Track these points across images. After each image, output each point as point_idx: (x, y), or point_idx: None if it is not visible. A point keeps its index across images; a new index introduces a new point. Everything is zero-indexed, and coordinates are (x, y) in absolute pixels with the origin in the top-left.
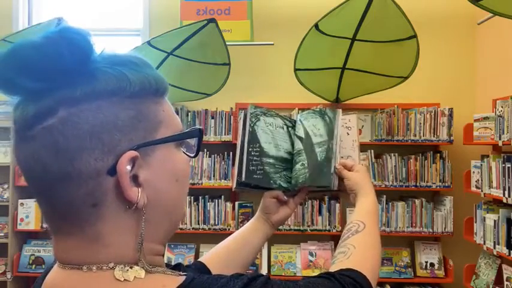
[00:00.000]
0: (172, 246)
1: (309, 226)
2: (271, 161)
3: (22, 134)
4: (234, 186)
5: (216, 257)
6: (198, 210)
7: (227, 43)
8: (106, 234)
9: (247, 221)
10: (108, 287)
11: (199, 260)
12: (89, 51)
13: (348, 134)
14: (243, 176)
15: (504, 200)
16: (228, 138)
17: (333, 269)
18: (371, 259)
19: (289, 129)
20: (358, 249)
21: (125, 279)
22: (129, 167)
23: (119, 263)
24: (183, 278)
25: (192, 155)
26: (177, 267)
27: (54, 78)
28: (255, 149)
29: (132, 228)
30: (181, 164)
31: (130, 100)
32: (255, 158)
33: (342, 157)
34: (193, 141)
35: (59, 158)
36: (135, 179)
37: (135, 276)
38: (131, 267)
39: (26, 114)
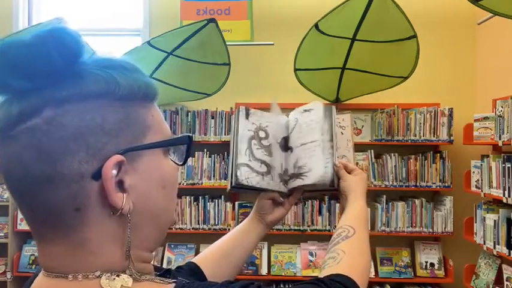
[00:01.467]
0: (172, 246)
1: (309, 226)
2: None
3: (4, 133)
4: (228, 188)
5: (209, 257)
6: (198, 210)
7: (227, 43)
8: (91, 241)
9: (247, 217)
10: None
11: (192, 260)
12: (78, 52)
13: (342, 134)
14: (233, 179)
15: (504, 200)
16: (228, 138)
17: (323, 274)
18: (361, 265)
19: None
20: (348, 255)
21: None
22: (114, 172)
23: (106, 271)
24: (172, 286)
25: (180, 163)
26: (167, 273)
27: (41, 77)
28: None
29: (118, 234)
30: (169, 171)
31: (119, 103)
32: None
33: (338, 157)
34: (182, 148)
35: (42, 160)
36: (120, 184)
37: (122, 285)
38: (118, 276)
39: (9, 113)
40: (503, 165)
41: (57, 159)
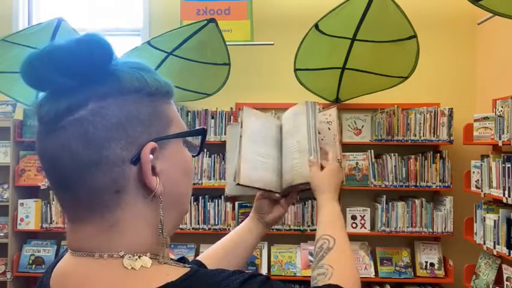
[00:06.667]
0: (172, 246)
1: (309, 226)
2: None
3: (51, 125)
4: (226, 193)
5: (213, 255)
6: (198, 210)
7: (227, 43)
8: (123, 221)
9: (248, 217)
10: (115, 274)
11: (197, 258)
12: (112, 54)
13: (329, 129)
14: (228, 190)
15: (504, 200)
16: None
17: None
18: (351, 275)
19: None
20: (337, 269)
21: (132, 268)
22: (151, 156)
23: (129, 251)
24: (188, 269)
25: (195, 153)
26: (181, 260)
27: (84, 76)
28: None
29: (148, 217)
30: (188, 160)
31: (149, 98)
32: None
33: (322, 149)
34: (196, 142)
35: (89, 146)
36: (152, 169)
37: (142, 265)
38: (139, 257)
39: (57, 107)
40: (503, 165)
41: (103, 146)
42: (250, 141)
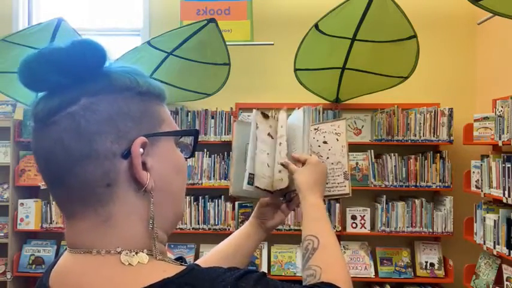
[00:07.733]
0: (172, 246)
1: None
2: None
3: (44, 121)
4: (230, 193)
5: (212, 261)
6: (198, 210)
7: (227, 43)
8: (116, 216)
9: (247, 221)
10: (112, 270)
11: (195, 262)
12: (105, 56)
13: (338, 140)
14: (231, 189)
15: (504, 200)
16: (228, 138)
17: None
18: (339, 271)
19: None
20: (325, 268)
21: (129, 264)
22: (141, 150)
23: (126, 247)
24: (184, 267)
25: (187, 155)
26: (179, 260)
27: (78, 75)
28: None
29: (140, 212)
30: (181, 159)
31: (140, 97)
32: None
33: (333, 163)
34: (189, 142)
35: (80, 140)
36: (143, 165)
37: (138, 261)
38: (137, 253)
39: (50, 104)
40: (503, 165)
41: (93, 139)
42: (256, 144)
